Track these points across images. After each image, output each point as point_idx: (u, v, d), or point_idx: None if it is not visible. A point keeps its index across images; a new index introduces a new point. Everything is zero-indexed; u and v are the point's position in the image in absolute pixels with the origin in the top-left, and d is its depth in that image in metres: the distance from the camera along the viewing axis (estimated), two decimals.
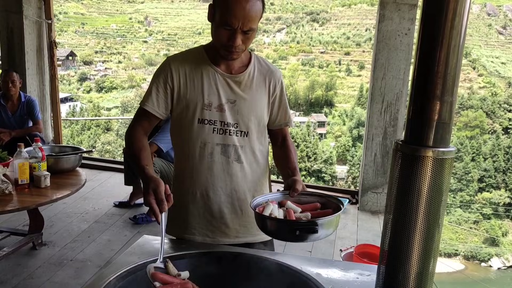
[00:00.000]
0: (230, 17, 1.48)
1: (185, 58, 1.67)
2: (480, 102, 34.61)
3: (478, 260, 25.76)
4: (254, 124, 1.70)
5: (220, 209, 1.70)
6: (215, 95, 1.64)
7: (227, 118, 1.65)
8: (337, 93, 39.38)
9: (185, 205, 1.71)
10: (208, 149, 1.65)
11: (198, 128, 1.64)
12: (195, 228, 1.71)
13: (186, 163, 1.69)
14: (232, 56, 1.58)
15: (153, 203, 1.35)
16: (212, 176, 1.67)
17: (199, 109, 1.63)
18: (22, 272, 3.17)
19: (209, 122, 1.64)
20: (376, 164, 4.54)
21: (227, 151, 1.66)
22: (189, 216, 1.71)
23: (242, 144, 1.68)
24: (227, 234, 1.72)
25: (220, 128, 1.65)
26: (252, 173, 1.72)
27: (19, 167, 3.03)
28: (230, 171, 1.68)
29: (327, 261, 1.68)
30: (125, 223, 4.09)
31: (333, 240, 3.93)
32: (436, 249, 1.14)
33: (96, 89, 42.29)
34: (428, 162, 1.08)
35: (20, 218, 3.95)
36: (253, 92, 1.69)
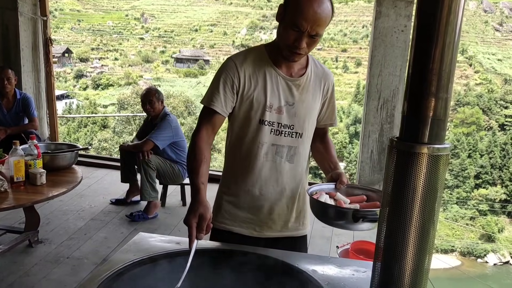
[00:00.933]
0: (301, 19, 1.50)
1: (247, 58, 1.68)
2: (476, 98, 34.70)
3: (474, 256, 25.90)
4: (308, 126, 1.75)
5: (270, 206, 1.75)
6: (276, 97, 1.67)
7: (284, 120, 1.69)
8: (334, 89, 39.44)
9: (237, 200, 1.76)
10: (264, 149, 1.70)
11: (258, 128, 1.68)
12: (244, 222, 1.77)
13: (242, 161, 1.73)
14: (294, 58, 1.61)
15: (194, 228, 1.39)
16: (265, 174, 1.72)
17: (261, 110, 1.66)
18: (18, 270, 3.17)
19: (268, 123, 1.67)
20: (373, 160, 4.55)
21: (281, 151, 1.71)
22: (240, 211, 1.76)
23: (295, 145, 1.73)
24: (272, 229, 1.79)
25: (277, 129, 1.69)
26: (300, 172, 1.78)
27: (15, 165, 3.01)
28: (282, 171, 1.73)
29: (323, 257, 1.68)
30: (121, 221, 4.09)
31: (329, 237, 3.94)
32: (431, 246, 1.14)
33: (92, 86, 42.18)
34: (423, 159, 1.08)
35: (16, 216, 3.94)
36: (309, 95, 1.73)
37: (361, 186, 1.76)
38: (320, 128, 1.85)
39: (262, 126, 1.67)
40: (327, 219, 1.61)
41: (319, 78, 1.76)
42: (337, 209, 1.57)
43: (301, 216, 1.85)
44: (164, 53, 49.82)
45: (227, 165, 1.81)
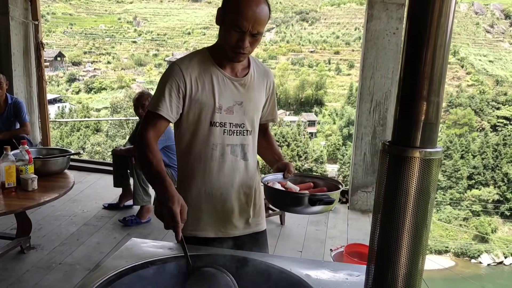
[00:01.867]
0: (242, 20, 1.54)
1: (192, 61, 1.68)
2: (468, 100, 34.93)
3: (468, 257, 26.01)
4: (256, 123, 1.81)
5: (231, 205, 1.78)
6: (225, 98, 1.70)
7: (235, 119, 1.73)
8: (327, 92, 39.51)
9: (198, 205, 1.76)
10: (219, 150, 1.72)
11: (209, 131, 1.70)
12: (208, 225, 1.78)
13: (198, 164, 1.74)
14: (239, 58, 1.64)
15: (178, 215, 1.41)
16: (223, 175, 1.74)
17: (211, 113, 1.68)
18: (10, 277, 3.13)
19: (220, 125, 1.70)
20: (366, 163, 4.56)
21: (235, 150, 1.75)
22: (203, 215, 1.77)
23: (247, 142, 1.78)
24: (235, 227, 1.81)
25: (229, 130, 1.72)
26: (253, 167, 1.83)
27: (6, 170, 2.99)
28: (238, 169, 1.76)
29: (316, 262, 1.68)
30: (114, 226, 4.06)
31: (323, 240, 3.93)
32: (424, 248, 1.14)
33: (85, 89, 42.01)
34: (415, 163, 1.08)
35: (7, 222, 3.90)
36: (255, 93, 1.78)
37: (306, 174, 1.87)
38: (262, 124, 1.90)
39: (214, 128, 1.69)
40: (284, 206, 1.73)
41: (262, 76, 1.82)
42: (295, 195, 1.65)
43: (259, 210, 1.90)
44: (157, 56, 49.75)
45: (182, 171, 1.80)
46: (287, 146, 29.01)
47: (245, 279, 1.45)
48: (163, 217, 1.41)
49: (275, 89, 1.92)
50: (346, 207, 4.73)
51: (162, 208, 1.41)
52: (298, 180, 1.80)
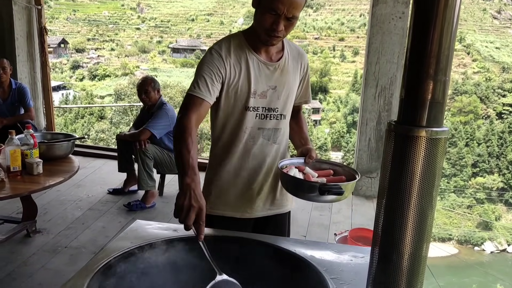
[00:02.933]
0: (277, 2, 1.54)
1: (229, 46, 1.70)
2: (474, 87, 34.68)
3: (472, 244, 26.05)
4: (290, 106, 1.82)
5: (259, 187, 1.82)
6: (260, 83, 1.71)
7: (269, 104, 1.75)
8: (331, 79, 39.30)
9: (227, 185, 1.80)
10: (251, 134, 1.75)
11: (244, 115, 1.72)
12: (236, 206, 1.82)
13: (229, 147, 1.77)
14: (272, 41, 1.65)
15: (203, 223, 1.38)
16: (253, 158, 1.78)
17: (245, 97, 1.70)
18: (16, 259, 3.17)
19: (254, 109, 1.73)
20: (370, 149, 4.54)
21: (267, 134, 1.78)
22: (230, 195, 1.81)
23: (279, 126, 1.80)
24: (261, 208, 1.86)
25: (262, 114, 1.74)
26: (283, 150, 1.85)
27: (11, 154, 3.00)
28: (269, 152, 1.80)
29: (320, 243, 1.68)
30: (119, 210, 4.09)
31: (327, 225, 3.94)
32: (429, 230, 1.14)
33: (89, 77, 41.97)
34: (421, 142, 1.07)
35: (13, 206, 3.93)
36: (290, 76, 1.78)
37: (328, 161, 1.85)
38: (295, 106, 1.90)
39: (248, 112, 1.72)
40: (296, 192, 1.71)
41: (296, 59, 1.81)
42: (305, 182, 1.66)
43: (285, 192, 1.89)
44: (161, 43, 49.54)
45: (214, 153, 1.83)
46: None
47: (249, 260, 1.46)
48: (190, 211, 1.34)
49: (309, 70, 1.91)
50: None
51: (191, 202, 1.35)
52: (317, 166, 1.80)
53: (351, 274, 1.40)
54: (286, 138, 1.86)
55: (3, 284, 2.86)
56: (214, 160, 1.83)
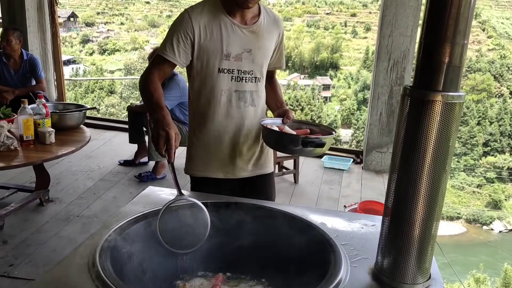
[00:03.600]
0: None
1: (202, 9, 1.73)
2: (488, 65, 34.07)
3: (480, 224, 26.01)
4: (265, 70, 1.86)
5: (240, 148, 1.87)
6: (233, 46, 1.74)
7: (244, 66, 1.78)
8: (342, 55, 38.82)
9: (208, 147, 1.86)
10: (227, 96, 1.79)
11: (217, 77, 1.76)
12: (218, 167, 1.87)
13: (207, 109, 1.81)
14: (248, 4, 1.68)
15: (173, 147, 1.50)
16: (232, 120, 1.82)
17: (219, 60, 1.74)
18: (30, 227, 3.22)
19: (228, 71, 1.76)
20: (382, 123, 4.51)
21: (244, 97, 1.82)
22: (212, 157, 1.86)
23: (255, 89, 1.84)
24: (244, 169, 1.91)
25: (237, 76, 1.78)
26: (261, 112, 1.90)
27: (24, 123, 3.02)
28: (246, 115, 1.84)
29: (331, 211, 1.69)
30: (130, 181, 4.13)
31: (337, 198, 3.95)
32: (442, 195, 1.13)
33: (98, 51, 41.84)
34: (437, 107, 1.06)
35: (26, 176, 3.98)
36: (265, 40, 1.82)
37: (305, 121, 1.91)
38: (269, 71, 1.94)
39: (222, 74, 1.76)
40: (279, 146, 1.82)
41: (272, 24, 1.85)
42: (288, 136, 1.74)
43: (267, 154, 1.98)
44: (171, 17, 48.97)
45: (193, 115, 1.89)
46: (301, 110, 28.83)
47: (261, 226, 1.47)
48: (159, 139, 1.47)
49: (284, 37, 1.95)
50: (360, 168, 4.73)
51: (158, 131, 1.48)
52: (295, 126, 1.88)
53: (361, 241, 1.41)
54: (263, 100, 1.91)
55: (18, 250, 2.92)
56: (194, 124, 1.89)
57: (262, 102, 1.90)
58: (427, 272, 1.18)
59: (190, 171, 1.91)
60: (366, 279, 1.20)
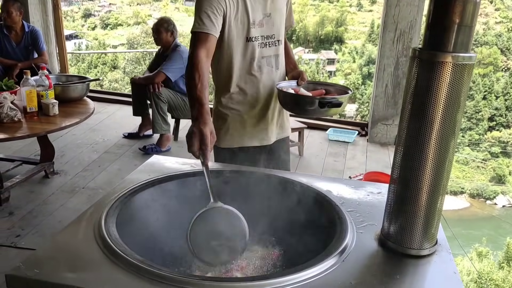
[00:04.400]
0: None
1: None
2: (495, 38, 33.55)
3: (484, 198, 26.06)
4: (283, 31, 1.88)
5: (272, 114, 1.90)
6: (256, 12, 1.75)
7: (267, 31, 1.80)
8: (347, 29, 38.29)
9: (243, 118, 1.86)
10: (256, 64, 1.80)
11: (246, 46, 1.77)
12: (253, 135, 1.89)
13: (240, 81, 1.82)
14: None
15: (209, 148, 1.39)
16: (263, 86, 1.84)
17: (247, 28, 1.75)
18: (36, 199, 3.24)
19: (255, 39, 1.77)
20: (387, 95, 4.47)
21: (270, 61, 1.84)
22: (247, 126, 1.87)
23: (278, 52, 1.87)
24: (274, 133, 1.95)
25: (262, 42, 1.80)
26: (284, 74, 1.94)
27: (27, 95, 3.01)
28: (274, 79, 1.86)
29: (337, 179, 1.69)
30: (135, 153, 4.13)
31: (342, 170, 3.95)
32: (450, 160, 1.12)
33: (101, 25, 41.43)
34: (447, 68, 1.03)
35: (31, 148, 3.99)
36: (279, 2, 1.83)
37: (319, 81, 1.95)
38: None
39: (250, 43, 1.77)
40: (296, 108, 1.83)
41: None
42: (306, 97, 1.78)
43: (287, 115, 2.04)
44: None
45: (224, 86, 1.85)
46: None
47: (268, 193, 1.47)
48: (193, 137, 1.37)
49: None
50: (365, 140, 4.71)
51: (193, 129, 1.39)
52: (310, 87, 1.90)
53: (367, 207, 1.40)
54: (283, 62, 1.93)
55: (24, 221, 2.94)
56: (225, 99, 1.85)
57: (283, 64, 1.93)
58: (433, 238, 1.17)
59: (225, 143, 1.86)
60: (372, 244, 1.20)
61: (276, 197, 1.47)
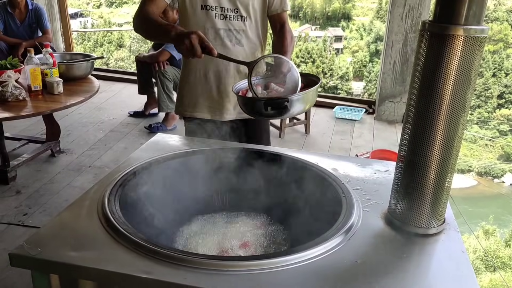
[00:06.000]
0: None
1: None
2: (506, 14, 32.91)
3: (491, 176, 25.96)
4: (253, 10, 1.78)
5: (225, 89, 1.82)
6: None
7: (227, 4, 1.74)
8: (355, 5, 37.70)
9: (194, 85, 1.84)
10: (212, 34, 1.75)
11: (201, 14, 1.73)
12: (205, 107, 1.85)
13: None
14: None
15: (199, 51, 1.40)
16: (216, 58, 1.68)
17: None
18: (42, 178, 3.25)
19: (211, 8, 1.72)
20: (395, 72, 4.40)
21: (229, 35, 1.77)
22: (199, 97, 1.85)
23: (242, 28, 1.78)
24: (229, 111, 1.86)
25: (221, 14, 1.74)
26: (250, 55, 1.82)
27: (31, 73, 2.98)
28: (232, 54, 1.73)
29: (343, 157, 1.66)
30: (140, 132, 4.12)
31: (348, 148, 3.92)
32: (459, 138, 1.09)
33: (106, 3, 41.11)
34: (458, 41, 0.99)
35: (37, 128, 3.99)
36: None
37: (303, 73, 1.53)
38: (275, 18, 1.85)
39: (206, 11, 1.72)
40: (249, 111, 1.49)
41: None
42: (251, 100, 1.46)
43: None
44: None
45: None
46: (312, 63, 28.34)
47: (274, 172, 1.45)
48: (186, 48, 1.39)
49: None
50: (372, 118, 4.66)
51: (182, 42, 1.39)
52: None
53: (374, 186, 1.38)
54: (255, 44, 1.83)
55: (31, 200, 2.96)
56: (184, 63, 1.88)
57: (250, 43, 1.81)
58: (441, 216, 1.15)
59: (179, 109, 1.91)
60: (379, 223, 1.18)
61: (282, 175, 1.45)
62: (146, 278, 0.93)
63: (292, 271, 0.96)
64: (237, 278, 0.94)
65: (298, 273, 0.96)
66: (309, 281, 0.94)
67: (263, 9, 1.82)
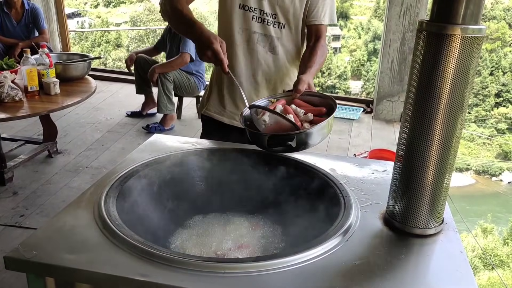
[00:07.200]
0: None
1: None
2: (503, 12, 32.96)
3: (489, 175, 26.00)
4: (292, 18, 1.69)
5: (250, 96, 1.71)
6: None
7: (267, 7, 1.65)
8: (353, 4, 37.71)
9: (222, 90, 1.78)
10: (245, 36, 1.68)
11: (238, 13, 1.66)
12: (232, 113, 1.78)
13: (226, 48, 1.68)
14: None
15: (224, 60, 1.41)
16: (247, 63, 1.71)
17: None
18: (40, 178, 3.24)
19: (250, 9, 1.65)
20: (393, 71, 4.40)
21: (263, 40, 1.69)
22: (227, 101, 1.78)
23: (278, 35, 1.69)
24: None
25: (259, 17, 1.66)
26: (282, 64, 1.74)
27: (27, 74, 2.97)
28: (263, 61, 1.71)
29: (341, 157, 1.66)
30: (138, 132, 4.11)
31: (346, 148, 3.92)
32: (458, 137, 1.08)
33: (103, 3, 41.03)
34: (455, 41, 0.98)
35: (34, 128, 3.98)
36: None
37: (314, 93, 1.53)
38: (312, 29, 1.72)
39: (243, 11, 1.65)
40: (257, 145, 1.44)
41: None
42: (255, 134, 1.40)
43: None
44: None
45: None
46: None
47: (271, 172, 1.44)
48: (208, 58, 1.41)
49: None
50: (370, 117, 4.66)
51: (204, 52, 1.40)
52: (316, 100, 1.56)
53: (372, 186, 1.38)
54: (291, 54, 1.73)
55: (28, 201, 2.95)
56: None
57: (287, 55, 1.73)
58: (439, 217, 1.15)
59: (205, 111, 1.83)
60: (377, 223, 1.17)
61: (279, 176, 1.44)
62: (143, 281, 0.92)
63: (290, 273, 0.95)
64: (234, 280, 0.93)
65: (296, 274, 0.95)
66: (307, 282, 0.93)
67: (304, 18, 1.71)
